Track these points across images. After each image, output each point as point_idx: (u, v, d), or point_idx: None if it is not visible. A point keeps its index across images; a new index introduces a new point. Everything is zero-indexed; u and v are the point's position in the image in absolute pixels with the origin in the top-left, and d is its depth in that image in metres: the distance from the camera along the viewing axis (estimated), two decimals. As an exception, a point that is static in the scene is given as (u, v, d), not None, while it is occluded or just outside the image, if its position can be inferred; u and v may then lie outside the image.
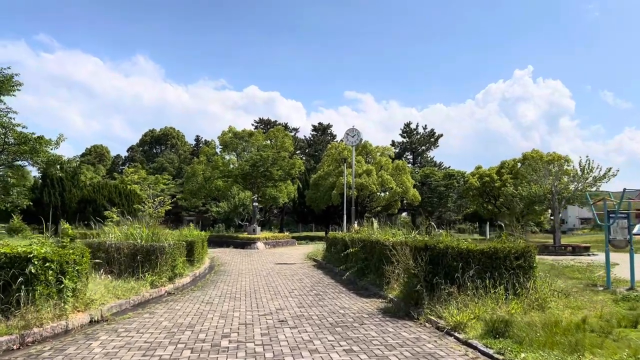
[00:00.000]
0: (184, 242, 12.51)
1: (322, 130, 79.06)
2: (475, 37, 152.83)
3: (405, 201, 42.89)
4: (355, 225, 15.21)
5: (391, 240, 10.21)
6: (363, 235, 12.99)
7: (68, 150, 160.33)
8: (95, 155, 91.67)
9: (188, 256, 14.05)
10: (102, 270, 9.72)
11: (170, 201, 27.17)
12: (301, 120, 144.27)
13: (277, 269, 16.00)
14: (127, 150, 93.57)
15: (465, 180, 46.63)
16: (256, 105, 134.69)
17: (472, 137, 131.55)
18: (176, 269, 11.43)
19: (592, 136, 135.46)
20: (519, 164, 46.11)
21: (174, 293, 10.50)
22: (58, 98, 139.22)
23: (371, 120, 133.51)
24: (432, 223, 11.92)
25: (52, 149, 20.92)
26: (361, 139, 19.42)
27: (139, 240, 10.94)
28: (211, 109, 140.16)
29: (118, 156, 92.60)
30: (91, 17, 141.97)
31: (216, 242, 30.12)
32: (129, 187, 41.22)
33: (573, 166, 32.47)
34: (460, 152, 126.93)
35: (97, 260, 10.48)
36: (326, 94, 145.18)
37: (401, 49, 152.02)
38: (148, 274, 10.24)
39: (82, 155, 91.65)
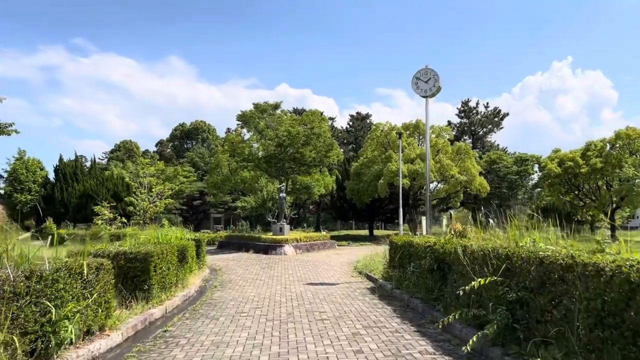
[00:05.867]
0: (78, 265, 5.61)
1: (360, 120, 71.77)
2: (511, 28, 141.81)
3: (468, 191, 35.05)
4: (457, 223, 8.11)
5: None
6: (492, 244, 5.88)
7: (102, 149, 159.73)
8: (124, 151, 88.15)
9: (137, 285, 7.45)
10: None
11: (170, 192, 20.92)
12: (333, 116, 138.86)
13: (308, 300, 9.12)
14: (156, 145, 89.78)
15: (542, 166, 38.27)
16: (288, 103, 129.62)
17: (510, 130, 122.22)
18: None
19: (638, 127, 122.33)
20: (609, 145, 37.36)
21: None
22: (98, 101, 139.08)
23: (405, 115, 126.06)
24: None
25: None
26: (439, 87, 12.32)
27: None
28: (244, 107, 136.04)
29: (147, 151, 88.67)
30: (123, 20, 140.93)
31: (235, 244, 23.67)
32: (142, 179, 35.54)
33: None
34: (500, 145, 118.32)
35: None
36: (357, 91, 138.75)
37: (433, 43, 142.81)
38: None
39: (111, 151, 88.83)
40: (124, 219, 19.37)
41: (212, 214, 59.67)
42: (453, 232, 7.94)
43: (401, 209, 20.74)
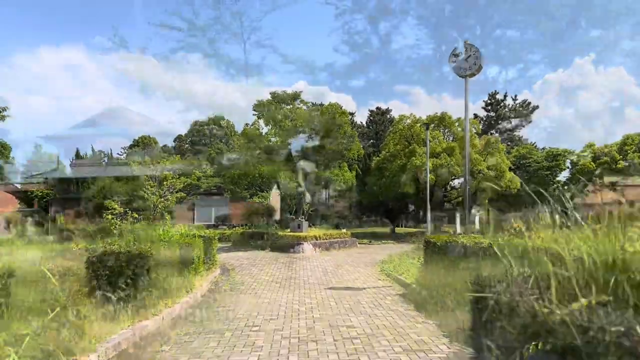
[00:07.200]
0: (34, 271, 4.39)
1: (380, 114, 70.03)
2: (531, 26, 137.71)
3: (496, 188, 33.09)
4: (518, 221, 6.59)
5: None
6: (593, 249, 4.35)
7: (122, 143, 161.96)
8: (142, 146, 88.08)
9: (127, 292, 6.18)
10: None
11: (181, 185, 19.78)
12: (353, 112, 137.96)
13: (331, 309, 7.72)
14: (174, 140, 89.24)
15: (574, 162, 36.17)
16: (305, 100, 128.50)
17: (531, 127, 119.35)
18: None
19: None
20: (648, 139, 34.97)
21: None
22: (120, 99, 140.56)
23: (424, 111, 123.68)
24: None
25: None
26: (480, 66, 10.80)
27: None
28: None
29: (165, 147, 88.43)
30: (141, 17, 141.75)
31: (251, 241, 22.41)
32: (153, 172, 34.60)
33: None
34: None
35: None
36: (375, 89, 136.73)
37: (449, 42, 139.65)
38: None
39: (130, 147, 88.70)
40: (135, 214, 18.22)
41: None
42: (514, 231, 6.43)
43: (429, 205, 19.20)
